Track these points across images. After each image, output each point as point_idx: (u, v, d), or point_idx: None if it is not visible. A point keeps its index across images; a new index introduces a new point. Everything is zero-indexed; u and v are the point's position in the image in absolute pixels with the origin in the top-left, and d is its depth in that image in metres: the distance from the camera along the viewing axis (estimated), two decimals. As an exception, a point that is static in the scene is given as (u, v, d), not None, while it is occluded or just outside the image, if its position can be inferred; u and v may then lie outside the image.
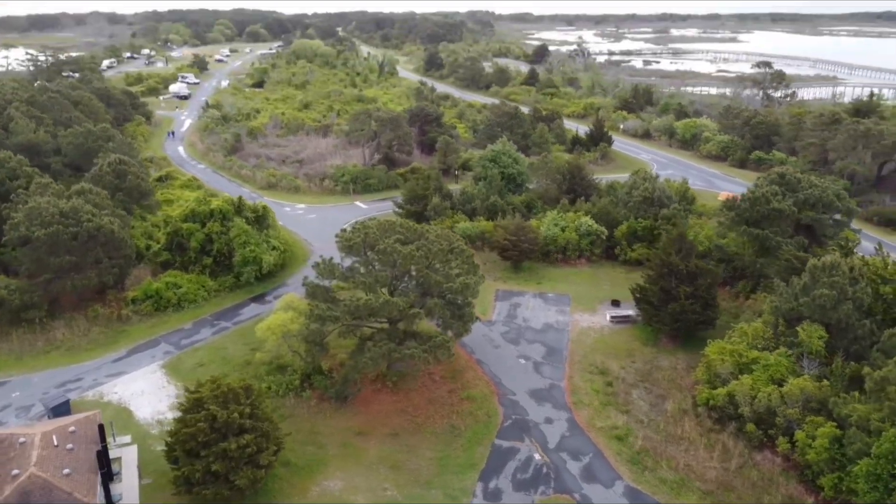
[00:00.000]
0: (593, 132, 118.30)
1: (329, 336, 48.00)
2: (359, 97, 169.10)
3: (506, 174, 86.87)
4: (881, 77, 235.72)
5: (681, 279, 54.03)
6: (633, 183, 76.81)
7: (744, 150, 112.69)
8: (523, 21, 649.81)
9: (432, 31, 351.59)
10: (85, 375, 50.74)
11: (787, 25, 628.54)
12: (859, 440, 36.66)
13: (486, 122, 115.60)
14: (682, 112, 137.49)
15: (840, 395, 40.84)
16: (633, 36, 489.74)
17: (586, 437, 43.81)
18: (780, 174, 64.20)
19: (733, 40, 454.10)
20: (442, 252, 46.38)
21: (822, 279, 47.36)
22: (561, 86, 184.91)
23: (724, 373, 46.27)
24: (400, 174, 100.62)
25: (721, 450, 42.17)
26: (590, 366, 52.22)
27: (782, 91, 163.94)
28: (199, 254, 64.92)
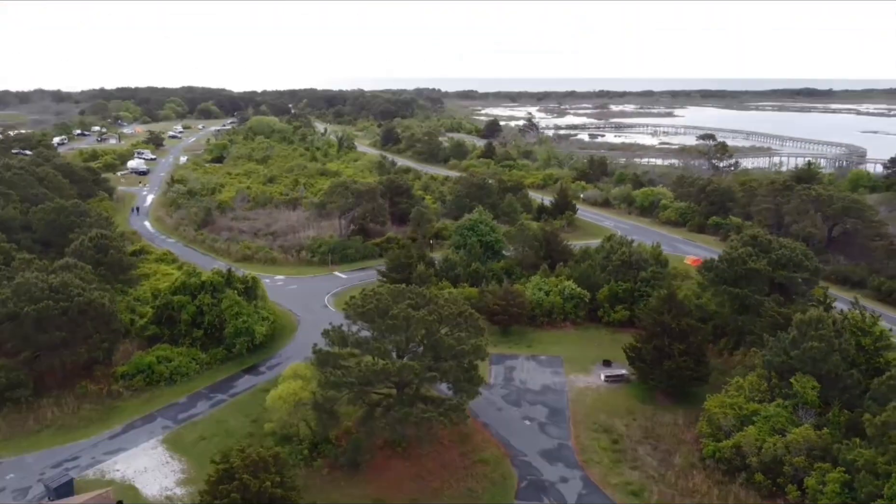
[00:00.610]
0: (558, 201, 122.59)
1: (338, 404, 48.01)
2: (322, 171, 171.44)
3: (484, 242, 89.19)
4: (809, 147, 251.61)
5: (673, 337, 56.22)
6: (610, 247, 79.96)
7: (701, 215, 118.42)
8: (469, 98, 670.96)
9: (385, 108, 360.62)
10: (82, 454, 49.04)
11: (716, 101, 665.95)
12: (869, 484, 38.50)
13: (456, 193, 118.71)
14: (638, 182, 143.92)
15: (843, 442, 42.91)
16: (574, 111, 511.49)
17: (603, 494, 44.49)
18: (753, 236, 68.20)
19: (669, 115, 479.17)
20: (452, 316, 47.45)
21: (810, 333, 50.21)
22: (518, 158, 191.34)
23: (727, 425, 47.98)
24: (376, 244, 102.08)
25: (734, 501, 43.36)
26: (593, 424, 53.27)
27: (726, 161, 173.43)
28: (189, 326, 64.13)
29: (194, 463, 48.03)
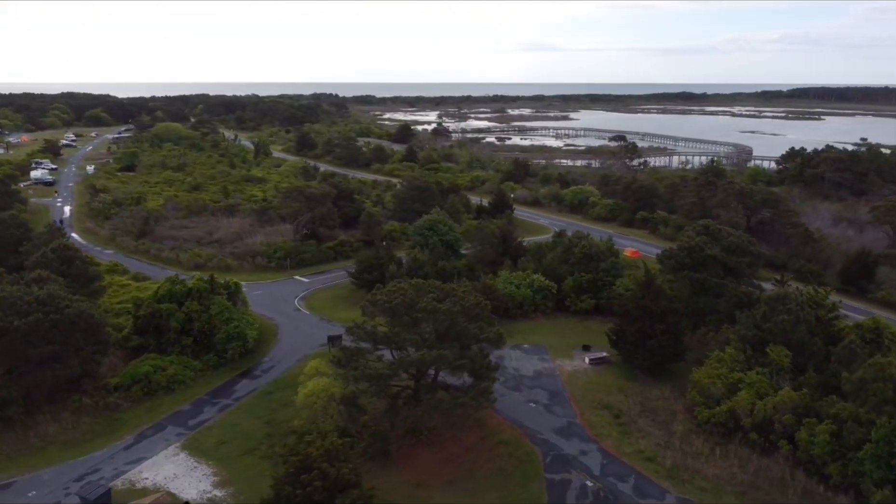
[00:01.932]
0: (496, 201, 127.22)
1: (362, 397, 49.69)
2: (247, 177, 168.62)
3: (444, 241, 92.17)
4: (700, 147, 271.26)
5: (654, 319, 61.48)
6: (570, 242, 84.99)
7: (629, 211, 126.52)
8: (367, 103, 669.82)
9: (290, 114, 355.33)
10: (101, 466, 48.05)
11: (604, 105, 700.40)
12: (856, 431, 44.60)
13: (401, 195, 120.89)
14: (564, 181, 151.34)
15: (822, 400, 49.14)
16: (475, 115, 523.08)
17: (622, 462, 48.62)
18: (705, 226, 75.03)
19: (566, 118, 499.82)
20: (472, 307, 50.25)
21: (779, 307, 56.67)
22: (440, 161, 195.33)
23: (717, 393, 53.43)
24: (330, 248, 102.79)
25: (734, 458, 48.61)
26: (592, 402, 57.52)
27: (636, 160, 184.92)
28: (179, 334, 63.25)
29: (223, 466, 48.24)
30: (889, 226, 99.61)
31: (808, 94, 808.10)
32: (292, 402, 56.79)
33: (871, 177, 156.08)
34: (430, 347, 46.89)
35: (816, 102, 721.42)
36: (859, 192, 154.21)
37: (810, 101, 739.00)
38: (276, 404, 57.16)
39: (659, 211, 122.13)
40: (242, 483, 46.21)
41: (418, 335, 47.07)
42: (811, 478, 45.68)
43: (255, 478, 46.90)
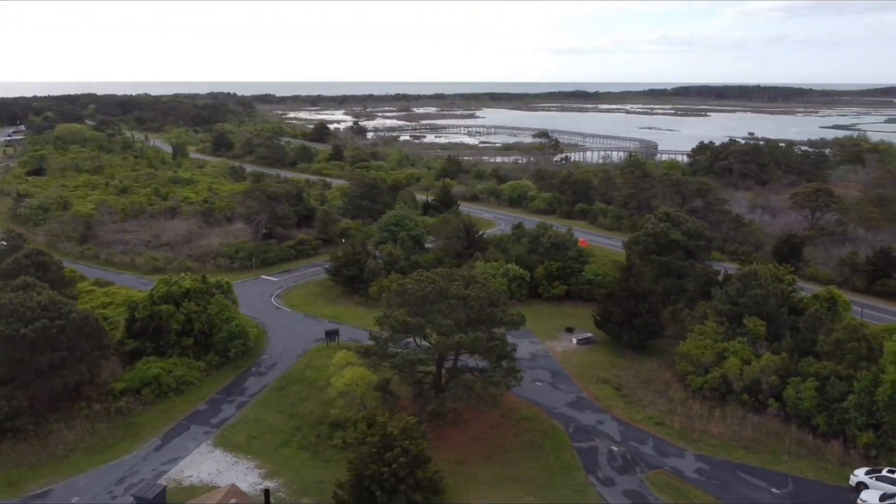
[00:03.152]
0: (442, 197, 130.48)
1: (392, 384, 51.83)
2: (174, 179, 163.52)
3: (412, 235, 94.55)
4: (608, 143, 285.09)
5: (637, 299, 66.76)
6: (536, 232, 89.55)
7: (567, 203, 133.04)
8: (268, 102, 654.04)
9: (195, 114, 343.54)
10: (138, 468, 47.78)
11: (504, 103, 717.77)
12: (837, 385, 51.14)
13: (351, 194, 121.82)
14: (500, 177, 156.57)
15: (802, 361, 55.69)
16: (382, 114, 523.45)
17: (636, 428, 53.25)
18: (666, 213, 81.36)
19: (472, 116, 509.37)
20: (495, 292, 53.38)
21: (751, 283, 63.21)
22: (368, 159, 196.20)
23: (707, 362, 59.12)
24: (291, 247, 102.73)
25: (731, 418, 54.25)
26: (592, 378, 62.01)
27: (559, 156, 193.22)
28: (178, 335, 62.60)
29: (263, 459, 49.09)
30: (808, 209, 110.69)
31: (690, 92, 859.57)
32: (309, 397, 58.39)
33: (772, 167, 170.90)
34: (462, 332, 49.57)
35: (699, 100, 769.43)
36: (763, 181, 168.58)
37: (693, 99, 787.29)
38: (294, 398, 58.09)
39: (597, 203, 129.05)
40: (290, 473, 47.31)
41: (453, 320, 49.63)
42: (801, 429, 51.79)
43: (300, 468, 48.33)
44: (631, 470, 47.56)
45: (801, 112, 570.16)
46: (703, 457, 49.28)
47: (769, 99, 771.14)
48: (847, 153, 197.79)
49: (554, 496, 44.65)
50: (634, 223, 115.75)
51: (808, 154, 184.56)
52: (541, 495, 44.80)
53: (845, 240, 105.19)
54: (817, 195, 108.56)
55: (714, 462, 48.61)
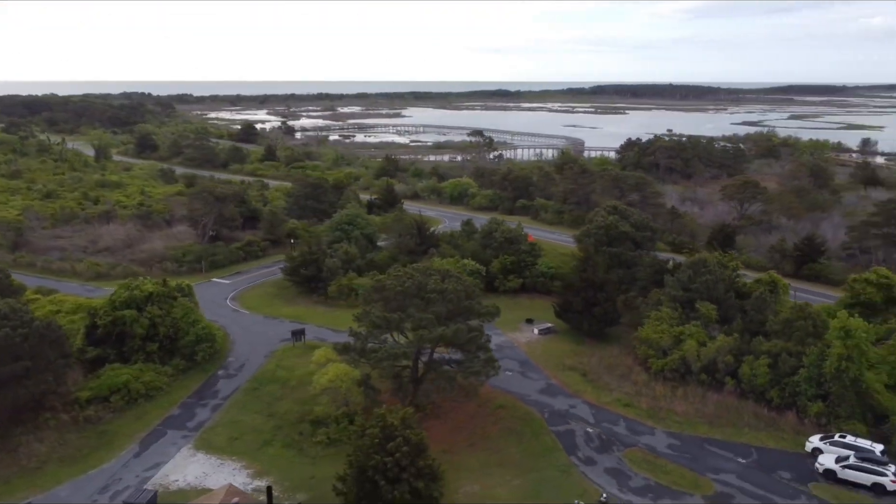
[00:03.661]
0: (386, 196, 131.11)
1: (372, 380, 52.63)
2: (102, 182, 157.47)
3: (365, 234, 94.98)
4: (537, 140, 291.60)
5: (596, 289, 69.73)
6: (489, 228, 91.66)
7: (509, 200, 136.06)
8: (186, 102, 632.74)
9: (112, 114, 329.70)
10: (121, 475, 46.84)
11: (428, 102, 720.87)
12: (788, 361, 55.27)
13: (296, 194, 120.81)
14: (440, 175, 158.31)
15: (753, 340, 59.75)
16: (307, 114, 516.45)
17: (607, 410, 55.89)
18: (614, 206, 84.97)
19: (398, 115, 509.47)
20: (470, 286, 54.90)
21: (702, 269, 67.16)
22: (304, 160, 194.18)
23: (665, 345, 62.50)
24: (239, 248, 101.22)
25: (692, 396, 57.68)
26: (558, 366, 64.44)
27: (493, 154, 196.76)
28: (143, 341, 61.17)
29: (248, 459, 48.97)
30: (737, 201, 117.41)
31: (607, 91, 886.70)
32: (284, 396, 58.44)
33: (696, 162, 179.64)
34: (443, 325, 50.87)
35: (616, 98, 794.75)
36: (688, 175, 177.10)
37: (610, 97, 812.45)
38: (269, 399, 57.92)
39: (538, 199, 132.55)
40: (278, 472, 47.41)
41: (433, 314, 50.83)
42: (758, 403, 55.65)
43: (287, 466, 48.50)
44: (608, 449, 50.06)
45: (711, 109, 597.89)
46: (673, 433, 52.35)
47: (681, 97, 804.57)
48: (761, 147, 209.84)
49: (540, 478, 46.58)
50: (576, 217, 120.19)
51: (727, 149, 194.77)
52: (528, 478, 46.66)
53: (771, 228, 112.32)
54: (745, 187, 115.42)
55: (683, 438, 51.75)
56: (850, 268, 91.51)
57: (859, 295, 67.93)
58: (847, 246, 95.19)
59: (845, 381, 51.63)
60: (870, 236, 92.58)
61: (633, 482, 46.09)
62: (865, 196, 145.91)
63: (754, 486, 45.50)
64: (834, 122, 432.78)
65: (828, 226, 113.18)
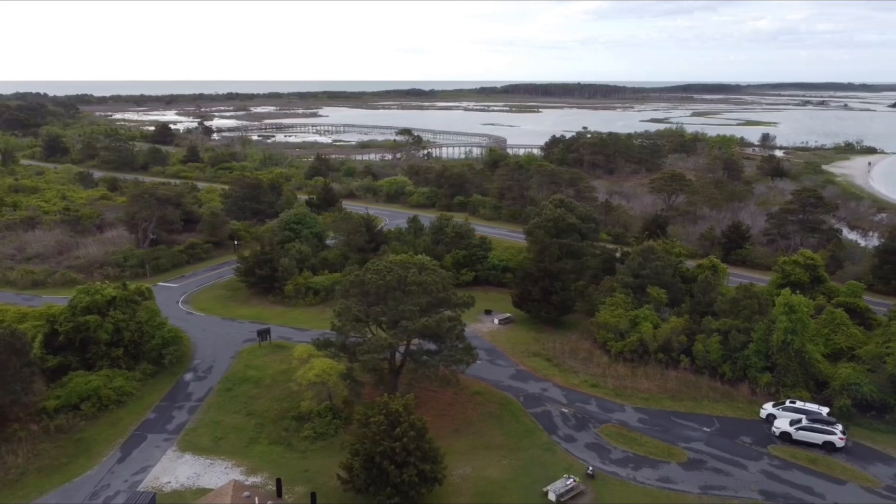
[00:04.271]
0: (324, 195, 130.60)
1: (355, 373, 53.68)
2: (16, 187, 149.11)
3: (315, 233, 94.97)
4: (459, 139, 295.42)
5: (553, 278, 72.94)
6: (438, 224, 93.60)
7: (446, 196, 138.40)
8: (86, 102, 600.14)
9: (11, 116, 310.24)
10: (109, 481, 46.04)
11: (343, 102, 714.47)
12: (738, 337, 60.03)
13: (234, 195, 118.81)
14: (374, 174, 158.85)
15: (703, 320, 64.37)
16: (219, 114, 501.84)
17: (577, 391, 58.97)
18: (560, 200, 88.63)
19: (315, 115, 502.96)
20: (445, 278, 56.66)
21: (651, 257, 71.52)
22: (231, 161, 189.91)
23: (623, 328, 66.33)
24: (181, 251, 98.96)
25: (652, 375, 61.65)
26: (523, 352, 67.17)
27: (423, 152, 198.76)
28: (108, 346, 59.61)
29: (238, 458, 49.03)
30: (665, 193, 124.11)
31: (518, 90, 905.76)
32: (260, 395, 58.54)
33: (617, 158, 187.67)
34: (426, 315, 52.47)
35: (527, 97, 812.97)
36: (610, 170, 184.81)
37: (522, 96, 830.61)
38: (244, 398, 57.81)
39: (475, 195, 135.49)
40: (271, 468, 47.69)
41: (415, 305, 52.30)
42: (712, 378, 60.18)
43: (278, 461, 48.89)
44: (585, 427, 53.07)
45: (619, 107, 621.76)
46: (641, 409, 55.97)
47: (589, 95, 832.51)
48: (674, 143, 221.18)
49: (527, 457, 48.98)
50: (513, 213, 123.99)
51: (644, 145, 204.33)
52: (515, 457, 48.97)
53: (696, 218, 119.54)
54: (672, 180, 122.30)
55: (650, 412, 55.43)
56: (772, 252, 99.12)
57: (789, 276, 73.95)
58: (768, 232, 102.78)
59: (790, 352, 56.73)
60: (787, 222, 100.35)
61: (613, 455, 49.23)
62: (773, 186, 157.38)
63: (721, 451, 49.56)
64: (733, 118, 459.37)
65: (745, 214, 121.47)
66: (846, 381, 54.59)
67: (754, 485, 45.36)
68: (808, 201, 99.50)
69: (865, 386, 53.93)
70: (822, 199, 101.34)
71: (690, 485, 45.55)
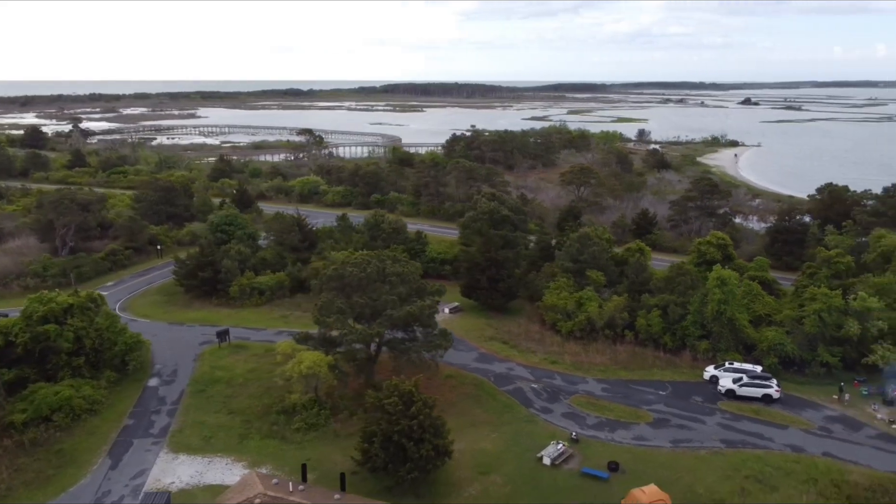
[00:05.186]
0: (241, 197, 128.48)
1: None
2: None
3: (248, 234, 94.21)
4: (353, 138, 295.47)
5: (498, 267, 77.27)
6: (374, 221, 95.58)
7: (362, 195, 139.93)
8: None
9: None
10: (109, 487, 45.43)
11: (218, 102, 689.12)
12: (676, 311, 66.83)
13: (148, 199, 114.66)
14: (283, 174, 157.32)
15: (641, 297, 70.84)
16: (87, 116, 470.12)
17: (540, 369, 63.49)
18: (492, 193, 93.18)
19: (193, 116, 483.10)
20: (418, 269, 59.37)
21: (588, 242, 77.44)
22: (123, 165, 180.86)
23: (570, 309, 71.64)
24: (103, 258, 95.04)
25: (602, 350, 67.30)
26: (480, 337, 71.00)
27: (325, 151, 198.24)
28: (69, 356, 57.52)
29: (236, 454, 49.58)
30: (574, 185, 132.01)
31: (399, 90, 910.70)
32: (236, 394, 59.02)
33: (516, 154, 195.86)
34: (408, 304, 55.02)
35: (408, 96, 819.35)
36: (510, 166, 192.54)
37: (402, 96, 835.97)
38: (220, 398, 57.92)
39: (392, 192, 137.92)
40: (272, 461, 48.67)
41: (396, 295, 54.71)
42: (656, 349, 66.60)
43: (277, 454, 49.96)
44: (557, 399, 57.60)
45: (499, 106, 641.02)
46: (601, 380, 61.31)
47: (467, 95, 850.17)
48: (563, 140, 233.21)
49: (513, 430, 52.75)
50: (431, 209, 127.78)
51: (538, 142, 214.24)
52: (502, 431, 52.61)
53: (603, 208, 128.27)
54: (581, 173, 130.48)
55: (610, 382, 60.87)
56: (676, 237, 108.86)
57: (704, 255, 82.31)
58: (671, 218, 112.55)
59: (723, 321, 64.04)
60: (688, 209, 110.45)
61: (589, 421, 54.02)
62: (661, 177, 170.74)
63: (680, 410, 55.64)
64: (605, 116, 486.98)
65: (645, 203, 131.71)
66: (772, 342, 62.47)
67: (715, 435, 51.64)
68: (706, 189, 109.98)
69: (788, 345, 62.05)
70: (717, 186, 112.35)
71: (662, 440, 51.09)
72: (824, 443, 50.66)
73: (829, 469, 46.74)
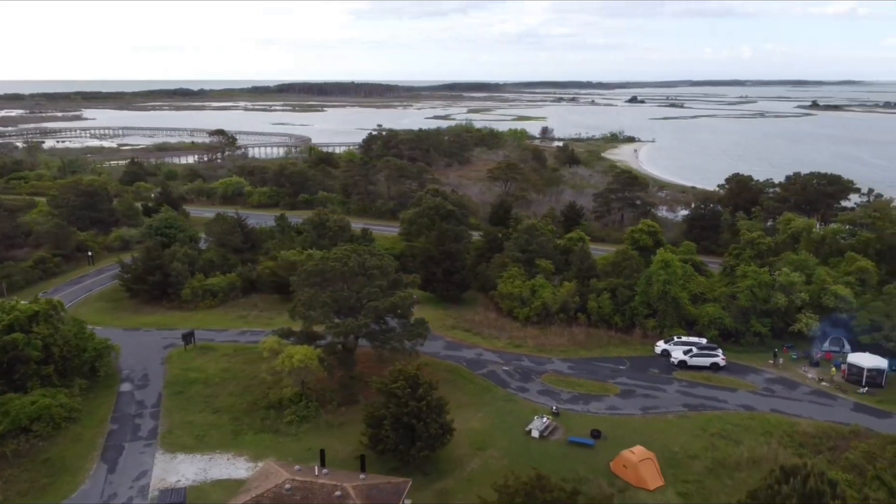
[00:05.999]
0: (165, 199, 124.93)
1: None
2: None
3: (188, 236, 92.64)
4: (262, 139, 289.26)
5: (453, 260, 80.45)
6: (318, 220, 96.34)
7: (290, 195, 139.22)
8: None
9: None
10: (115, 490, 45.09)
11: (102, 103, 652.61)
12: (624, 293, 72.39)
13: (71, 204, 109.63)
14: (202, 176, 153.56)
15: (590, 282, 76.04)
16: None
17: (507, 353, 67.16)
18: (436, 190, 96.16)
19: (79, 118, 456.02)
20: (392, 263, 61.53)
21: (535, 234, 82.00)
22: (25, 170, 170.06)
23: (525, 296, 75.84)
24: (31, 266, 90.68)
25: (559, 332, 71.87)
26: (443, 326, 73.77)
27: (238, 152, 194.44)
28: (38, 364, 55.71)
29: (235, 449, 50.22)
30: (501, 181, 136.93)
31: (294, 89, 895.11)
32: (216, 394, 59.23)
33: (432, 152, 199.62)
34: (388, 296, 57.17)
35: (305, 96, 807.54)
36: (427, 164, 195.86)
37: (298, 95, 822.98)
38: (201, 398, 57.92)
39: (321, 192, 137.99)
40: (273, 453, 49.44)
41: (378, 287, 56.72)
42: (609, 329, 71.86)
43: (276, 446, 50.98)
44: (530, 379, 61.46)
45: (398, 105, 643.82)
46: (565, 359, 65.76)
47: (365, 94, 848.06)
48: (475, 138, 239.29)
49: (496, 409, 56.07)
50: (362, 207, 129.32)
51: (453, 140, 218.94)
52: (486, 411, 55.83)
53: (528, 202, 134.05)
54: (509, 169, 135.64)
55: (574, 361, 65.44)
56: (602, 227, 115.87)
57: (637, 241, 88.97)
58: (596, 209, 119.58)
59: (668, 300, 70.13)
60: (611, 200, 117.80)
61: (564, 397, 58.18)
62: (574, 172, 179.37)
63: (642, 381, 60.89)
64: (505, 114, 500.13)
65: (567, 196, 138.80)
66: (712, 316, 69.10)
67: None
68: (626, 182, 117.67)
69: (726, 319, 68.84)
70: (637, 178, 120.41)
71: (632, 409, 55.98)
72: (770, 401, 57.21)
73: (779, 423, 53.07)
